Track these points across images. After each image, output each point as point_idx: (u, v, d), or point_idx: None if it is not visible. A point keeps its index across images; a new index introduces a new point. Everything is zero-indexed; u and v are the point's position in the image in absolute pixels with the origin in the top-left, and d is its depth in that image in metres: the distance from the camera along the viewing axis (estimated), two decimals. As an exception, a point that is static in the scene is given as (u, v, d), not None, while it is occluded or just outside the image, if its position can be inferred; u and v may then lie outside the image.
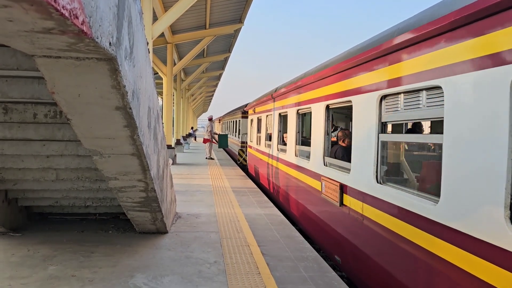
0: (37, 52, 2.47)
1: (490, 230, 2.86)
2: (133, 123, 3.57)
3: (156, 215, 6.01)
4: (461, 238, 3.17)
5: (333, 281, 4.88)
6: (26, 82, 4.09)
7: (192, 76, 28.33)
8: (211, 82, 42.37)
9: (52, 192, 6.38)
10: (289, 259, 5.62)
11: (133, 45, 3.29)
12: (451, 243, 3.28)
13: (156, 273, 4.97)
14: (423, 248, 3.68)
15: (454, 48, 3.42)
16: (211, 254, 5.73)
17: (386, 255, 4.45)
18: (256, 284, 4.69)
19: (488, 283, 2.86)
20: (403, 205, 4.11)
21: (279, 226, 7.51)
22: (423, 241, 3.68)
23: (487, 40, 3.03)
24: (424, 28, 3.80)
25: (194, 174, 15.14)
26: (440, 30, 3.59)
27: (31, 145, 5.09)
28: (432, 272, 3.54)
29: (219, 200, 9.99)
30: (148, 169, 4.59)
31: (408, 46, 4.16)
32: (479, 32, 3.13)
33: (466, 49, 3.27)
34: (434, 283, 3.52)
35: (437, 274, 3.48)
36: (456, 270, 3.20)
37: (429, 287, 3.59)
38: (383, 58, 4.73)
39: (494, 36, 2.97)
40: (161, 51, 19.78)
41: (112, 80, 2.90)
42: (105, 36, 2.37)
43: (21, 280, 4.61)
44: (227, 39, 22.65)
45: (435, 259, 3.49)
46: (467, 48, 3.27)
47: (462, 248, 3.16)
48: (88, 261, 5.28)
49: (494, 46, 2.96)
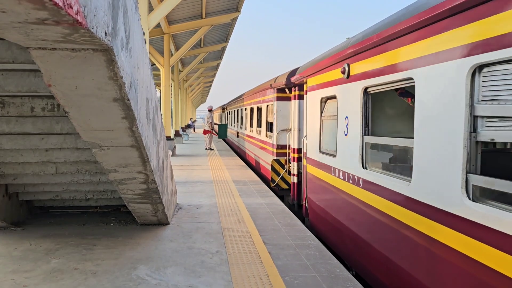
0: (32, 44, 2.43)
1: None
2: (132, 114, 3.55)
3: (157, 206, 6.01)
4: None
5: (335, 268, 4.90)
6: (23, 75, 4.05)
7: (190, 67, 28.17)
8: (209, 72, 42.19)
9: (53, 186, 6.38)
10: (291, 247, 5.64)
11: (129, 35, 3.25)
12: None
13: (159, 264, 4.98)
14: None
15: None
16: (213, 244, 5.74)
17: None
18: (258, 273, 4.71)
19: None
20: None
21: (280, 215, 7.52)
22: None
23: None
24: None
25: (194, 165, 15.14)
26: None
27: (29, 139, 5.07)
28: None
29: (220, 190, 10.00)
30: (147, 160, 4.57)
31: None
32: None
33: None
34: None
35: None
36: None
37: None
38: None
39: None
40: (158, 42, 19.64)
41: (109, 71, 2.87)
42: (100, 26, 2.33)
43: (24, 274, 4.62)
44: (224, 28, 22.47)
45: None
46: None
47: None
48: (91, 254, 5.29)
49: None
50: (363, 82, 5.09)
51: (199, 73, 37.38)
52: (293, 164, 9.46)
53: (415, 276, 3.92)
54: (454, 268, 3.34)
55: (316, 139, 6.98)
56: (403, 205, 4.12)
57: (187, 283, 4.44)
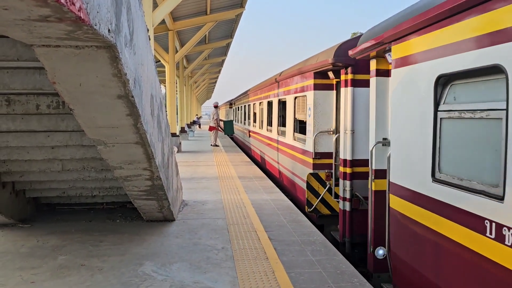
0: (36, 41, 2.43)
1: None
2: (136, 111, 3.55)
3: (163, 203, 6.03)
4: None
5: (340, 264, 4.89)
6: (27, 73, 4.06)
7: (195, 63, 28.16)
8: (214, 68, 42.17)
9: (59, 183, 6.41)
10: (297, 244, 5.64)
11: (133, 32, 3.24)
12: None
13: (165, 260, 5.00)
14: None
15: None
16: (218, 240, 5.75)
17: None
18: (264, 269, 4.71)
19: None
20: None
21: (286, 211, 7.52)
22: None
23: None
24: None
25: (200, 162, 15.16)
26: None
27: (35, 137, 5.09)
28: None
29: (225, 186, 10.01)
30: (153, 157, 4.58)
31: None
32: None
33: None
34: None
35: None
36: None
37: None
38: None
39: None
40: (162, 38, 19.62)
41: (113, 68, 2.86)
42: (103, 23, 2.32)
43: (31, 271, 4.66)
44: (229, 25, 22.42)
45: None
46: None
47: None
48: (97, 250, 5.33)
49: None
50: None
51: (204, 70, 37.36)
52: (343, 183, 6.66)
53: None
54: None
55: (422, 154, 3.94)
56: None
57: (193, 279, 4.46)
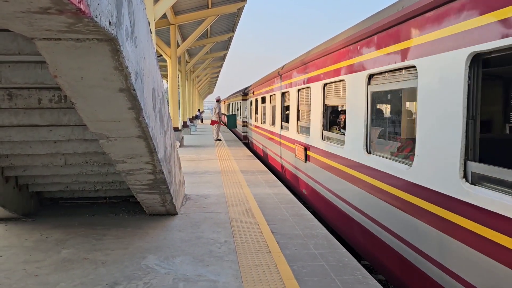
0: (37, 34, 2.42)
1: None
2: (138, 105, 3.54)
3: (165, 197, 6.04)
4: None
5: (343, 257, 4.90)
6: (29, 67, 4.05)
7: (197, 58, 28.10)
8: (216, 63, 42.06)
9: (62, 177, 6.43)
10: (299, 237, 5.64)
11: (134, 25, 3.23)
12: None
13: (168, 254, 5.01)
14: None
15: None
16: (221, 234, 5.76)
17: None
18: (266, 262, 4.72)
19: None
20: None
21: (288, 204, 7.52)
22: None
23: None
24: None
25: (202, 156, 15.17)
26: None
27: (38, 131, 5.09)
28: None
29: (228, 180, 10.02)
30: (155, 151, 4.58)
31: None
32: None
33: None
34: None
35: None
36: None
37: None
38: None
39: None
40: (164, 32, 19.56)
41: (114, 61, 2.85)
42: (104, 15, 2.31)
43: (35, 264, 4.69)
44: (231, 18, 22.31)
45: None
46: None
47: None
48: (100, 244, 5.35)
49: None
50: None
51: (206, 64, 37.27)
52: None
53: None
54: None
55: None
56: None
57: (196, 272, 4.47)
